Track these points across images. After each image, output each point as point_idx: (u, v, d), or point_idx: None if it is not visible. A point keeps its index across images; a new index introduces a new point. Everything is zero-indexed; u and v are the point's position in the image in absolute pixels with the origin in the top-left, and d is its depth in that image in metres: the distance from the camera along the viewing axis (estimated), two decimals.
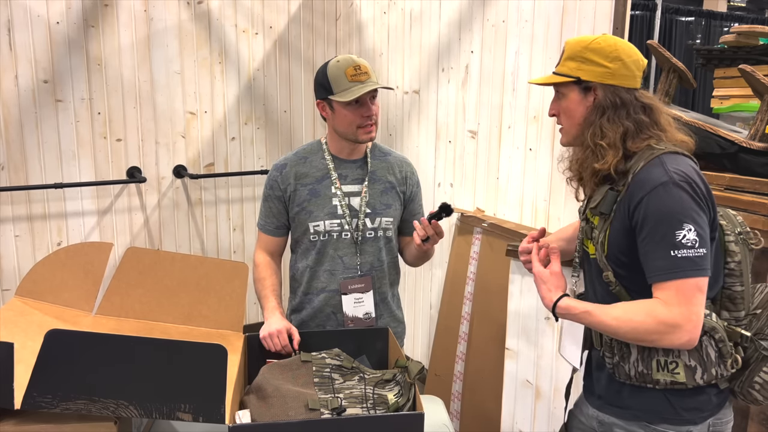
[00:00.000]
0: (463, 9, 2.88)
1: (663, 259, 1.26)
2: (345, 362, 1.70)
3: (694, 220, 1.26)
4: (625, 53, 1.38)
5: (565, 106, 1.43)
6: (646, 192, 1.29)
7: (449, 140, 3.04)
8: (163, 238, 3.45)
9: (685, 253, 1.25)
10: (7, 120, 2.96)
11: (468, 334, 2.83)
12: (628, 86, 1.39)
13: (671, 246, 1.25)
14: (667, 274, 1.26)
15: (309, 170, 1.93)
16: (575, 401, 1.63)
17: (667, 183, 1.28)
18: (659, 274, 1.27)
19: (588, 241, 1.46)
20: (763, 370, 1.36)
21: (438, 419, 1.89)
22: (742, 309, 1.39)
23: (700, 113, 2.19)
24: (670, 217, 1.26)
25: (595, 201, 1.41)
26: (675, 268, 1.25)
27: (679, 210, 1.26)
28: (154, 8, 3.23)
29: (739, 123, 2.61)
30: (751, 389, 1.37)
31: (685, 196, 1.27)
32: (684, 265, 1.24)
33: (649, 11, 5.50)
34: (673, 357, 1.34)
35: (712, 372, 1.34)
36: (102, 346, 1.43)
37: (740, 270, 1.38)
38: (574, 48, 1.41)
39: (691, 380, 1.34)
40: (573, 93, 1.42)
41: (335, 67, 1.81)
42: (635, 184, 1.33)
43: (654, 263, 1.28)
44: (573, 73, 1.40)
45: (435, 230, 1.74)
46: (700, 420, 1.37)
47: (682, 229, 1.25)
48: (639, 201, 1.30)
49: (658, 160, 1.32)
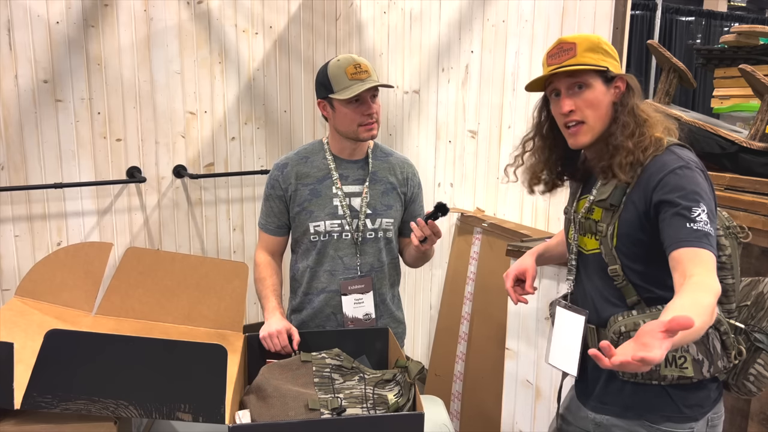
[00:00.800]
0: (463, 9, 2.87)
1: (678, 229, 1.25)
2: (345, 362, 1.70)
3: (707, 203, 1.28)
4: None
5: (592, 97, 1.38)
6: (665, 173, 1.31)
7: (449, 140, 3.04)
8: (163, 238, 3.45)
9: (699, 226, 1.24)
10: (7, 120, 2.96)
11: (468, 334, 2.83)
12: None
13: (687, 219, 1.25)
14: (685, 242, 1.23)
15: (310, 170, 1.93)
16: (566, 405, 1.61)
17: (684, 166, 1.31)
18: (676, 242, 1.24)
19: (585, 238, 1.46)
20: (757, 362, 1.37)
21: (438, 419, 1.89)
22: (733, 301, 1.40)
23: (700, 113, 2.19)
24: (687, 193, 1.28)
25: (605, 193, 1.41)
26: (691, 237, 1.24)
27: (696, 189, 1.28)
28: (154, 8, 3.23)
29: (739, 123, 2.60)
30: (745, 381, 1.39)
31: (701, 180, 1.31)
32: (700, 236, 1.24)
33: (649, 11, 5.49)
34: (682, 351, 1.33)
35: (718, 364, 1.35)
36: (102, 346, 1.42)
37: (731, 263, 1.39)
38: (590, 41, 1.39)
39: (698, 374, 1.34)
40: (599, 84, 1.38)
41: (336, 66, 1.81)
42: (649, 170, 1.34)
43: (674, 233, 1.25)
44: (601, 63, 1.38)
45: (432, 230, 1.73)
46: (701, 416, 1.38)
47: (698, 208, 1.26)
48: (658, 181, 1.31)
49: (668, 150, 1.36)
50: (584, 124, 1.39)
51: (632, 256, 1.37)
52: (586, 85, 1.38)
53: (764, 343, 1.36)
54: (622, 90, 1.39)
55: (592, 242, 1.44)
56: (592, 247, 1.44)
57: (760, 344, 1.37)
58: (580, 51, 1.38)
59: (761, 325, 1.38)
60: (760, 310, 1.40)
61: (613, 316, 1.40)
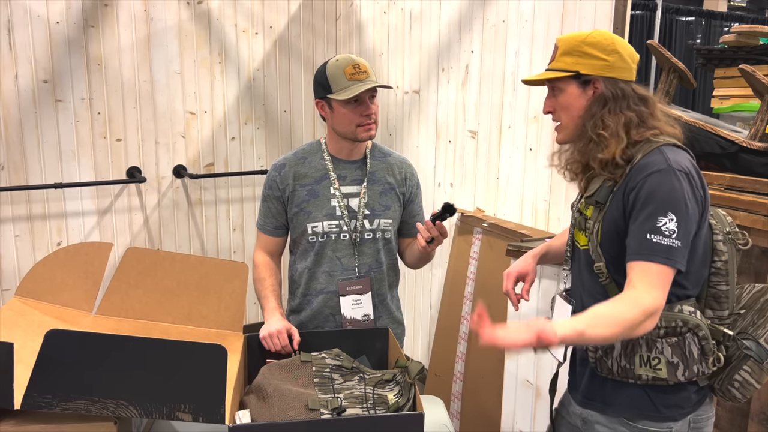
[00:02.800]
0: (463, 9, 2.87)
1: (638, 241, 1.29)
2: (345, 362, 1.70)
3: (681, 211, 1.28)
4: (621, 46, 1.40)
5: (563, 101, 1.43)
6: (643, 175, 1.31)
7: (449, 140, 3.04)
8: (163, 238, 3.45)
9: (659, 239, 1.26)
10: (7, 120, 2.96)
11: (468, 334, 2.83)
12: (626, 78, 1.41)
13: (649, 229, 1.27)
14: (638, 255, 1.28)
15: (308, 171, 1.93)
16: (560, 400, 1.63)
17: (666, 170, 1.30)
18: (632, 253, 1.29)
19: (579, 233, 1.47)
20: (743, 369, 1.36)
21: (438, 419, 1.89)
22: (726, 308, 1.39)
23: (700, 113, 2.19)
24: (657, 201, 1.28)
25: (591, 190, 1.42)
26: (645, 251, 1.27)
27: (669, 197, 1.28)
28: (154, 8, 3.23)
29: (739, 123, 2.61)
30: (730, 387, 1.38)
31: (679, 186, 1.29)
32: (655, 249, 1.26)
33: (649, 11, 5.49)
34: (656, 353, 1.35)
35: (694, 369, 1.35)
36: (102, 346, 1.42)
37: (726, 269, 1.38)
38: (569, 43, 1.42)
39: (672, 376, 1.34)
40: (571, 87, 1.42)
41: (334, 66, 1.81)
42: (634, 171, 1.34)
43: (631, 242, 1.30)
44: (571, 68, 1.40)
45: (439, 230, 1.74)
46: (680, 417, 1.38)
47: (665, 217, 1.27)
48: (636, 183, 1.32)
49: (657, 150, 1.34)
50: (560, 124, 1.47)
51: (615, 255, 1.37)
52: (557, 89, 1.44)
53: (752, 351, 1.35)
54: (599, 92, 1.39)
55: (584, 238, 1.45)
56: (583, 242, 1.45)
57: (748, 351, 1.36)
58: (558, 54, 1.44)
59: (758, 332, 1.37)
60: (761, 317, 1.38)
61: None
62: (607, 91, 1.39)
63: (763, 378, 1.37)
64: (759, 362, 1.35)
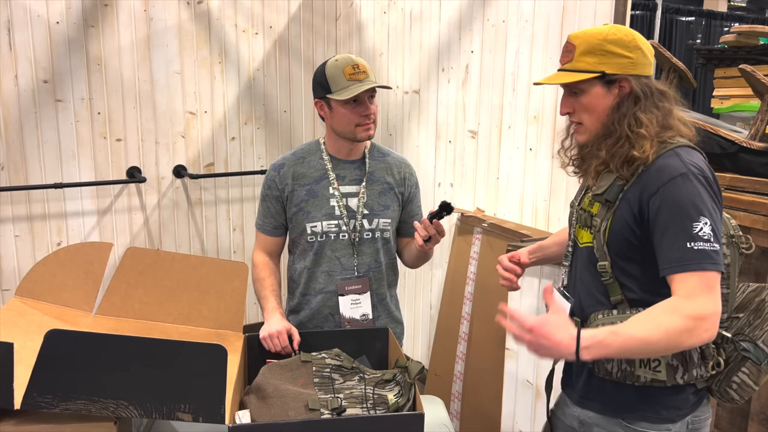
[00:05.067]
0: (463, 9, 2.87)
1: (679, 251, 1.24)
2: (345, 362, 1.70)
3: (710, 215, 1.25)
4: (641, 41, 1.37)
5: (587, 102, 1.38)
6: (663, 182, 1.28)
7: (449, 140, 3.04)
8: (163, 238, 3.45)
9: (701, 245, 1.23)
10: (7, 120, 2.96)
11: (468, 334, 2.83)
12: (647, 74, 1.37)
13: (688, 238, 1.24)
14: (683, 266, 1.23)
15: (307, 170, 1.93)
16: (556, 401, 1.62)
17: (686, 174, 1.27)
18: (674, 265, 1.25)
19: (582, 230, 1.45)
20: (741, 371, 1.36)
21: (438, 419, 1.89)
22: (725, 311, 1.38)
23: (701, 113, 2.19)
24: (687, 208, 1.25)
25: (602, 187, 1.39)
26: (691, 260, 1.23)
27: (697, 202, 1.25)
28: (154, 8, 3.23)
29: (740, 123, 2.61)
30: (728, 388, 1.37)
31: (702, 190, 1.27)
32: (700, 257, 1.23)
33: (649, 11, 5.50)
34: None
35: (693, 373, 1.34)
36: (102, 346, 1.43)
37: (728, 273, 1.37)
38: (589, 42, 1.36)
39: (671, 379, 1.34)
40: (596, 88, 1.37)
41: (333, 66, 1.81)
42: (649, 174, 1.31)
43: (669, 254, 1.26)
44: (595, 68, 1.35)
45: (436, 229, 1.73)
46: (679, 418, 1.37)
47: (699, 222, 1.24)
48: (655, 191, 1.29)
49: (673, 152, 1.32)
50: (582, 125, 1.41)
51: (622, 255, 1.36)
52: (580, 90, 1.38)
53: (750, 353, 1.34)
54: (627, 91, 1.36)
55: (587, 235, 1.43)
56: (586, 240, 1.43)
57: (746, 353, 1.35)
58: (578, 54, 1.37)
59: (755, 333, 1.36)
60: (758, 318, 1.38)
61: (593, 314, 1.39)
62: (638, 90, 1.35)
63: (761, 379, 1.36)
64: (757, 364, 1.35)
